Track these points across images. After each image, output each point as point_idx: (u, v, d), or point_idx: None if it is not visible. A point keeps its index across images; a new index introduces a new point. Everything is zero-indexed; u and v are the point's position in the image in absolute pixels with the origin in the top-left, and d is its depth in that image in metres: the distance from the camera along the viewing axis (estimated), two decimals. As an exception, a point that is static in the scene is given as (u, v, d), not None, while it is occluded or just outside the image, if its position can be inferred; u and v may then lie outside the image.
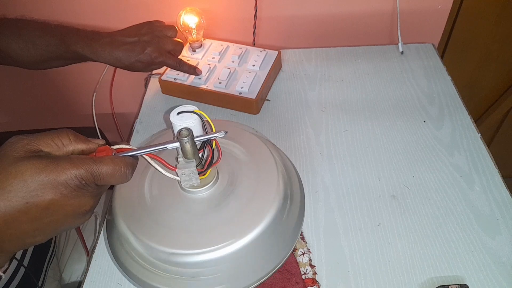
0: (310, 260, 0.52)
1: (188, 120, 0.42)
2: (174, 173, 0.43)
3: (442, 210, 0.56)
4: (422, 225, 0.55)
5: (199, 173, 0.44)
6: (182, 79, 0.74)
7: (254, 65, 0.75)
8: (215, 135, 0.42)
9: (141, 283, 0.45)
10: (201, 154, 0.44)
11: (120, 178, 0.36)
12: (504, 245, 0.52)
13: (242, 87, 0.71)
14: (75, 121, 1.14)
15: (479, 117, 1.16)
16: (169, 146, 0.41)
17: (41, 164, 0.32)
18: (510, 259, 0.51)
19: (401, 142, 0.66)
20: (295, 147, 0.66)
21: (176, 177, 0.44)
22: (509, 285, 0.49)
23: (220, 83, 0.72)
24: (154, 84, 0.81)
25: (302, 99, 0.75)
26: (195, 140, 0.42)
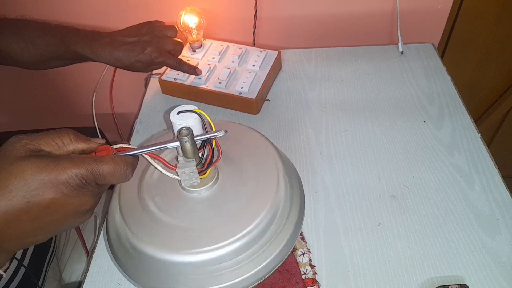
0: (310, 260, 0.52)
1: (188, 119, 0.42)
2: (174, 172, 0.43)
3: (442, 210, 0.56)
4: (422, 225, 0.55)
5: (199, 172, 0.44)
6: (182, 79, 0.74)
7: (254, 65, 0.75)
8: (215, 134, 0.42)
9: (141, 283, 0.45)
10: (201, 154, 0.44)
11: (120, 177, 0.36)
12: (504, 245, 0.52)
13: (242, 87, 0.71)
14: (75, 121, 1.14)
15: (479, 117, 1.16)
16: (169, 145, 0.41)
17: (41, 163, 0.32)
18: (510, 259, 0.51)
19: (401, 142, 0.66)
20: (295, 147, 0.66)
21: (176, 176, 0.44)
22: (509, 285, 0.49)
23: (220, 83, 0.72)
24: (154, 84, 0.81)
25: (302, 99, 0.75)
26: (195, 139, 0.42)
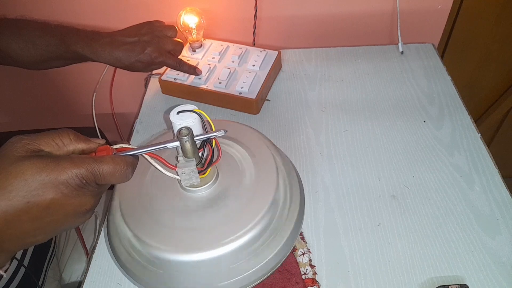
0: (310, 260, 0.52)
1: (188, 119, 0.42)
2: (174, 172, 0.43)
3: (442, 210, 0.56)
4: (422, 225, 0.55)
5: (199, 172, 0.44)
6: (182, 79, 0.74)
7: (254, 65, 0.75)
8: (214, 134, 0.42)
9: (141, 283, 0.45)
10: (201, 153, 0.44)
11: (120, 177, 0.36)
12: (504, 245, 0.52)
13: (242, 87, 0.71)
14: (75, 121, 1.14)
15: (479, 117, 1.16)
16: (169, 145, 0.41)
17: (42, 163, 0.32)
18: (510, 259, 0.51)
19: (401, 142, 0.66)
20: (295, 147, 0.66)
21: (176, 176, 0.44)
22: (509, 285, 0.49)
23: (220, 83, 0.72)
24: (154, 84, 0.81)
25: (302, 99, 0.75)
26: (195, 139, 0.42)
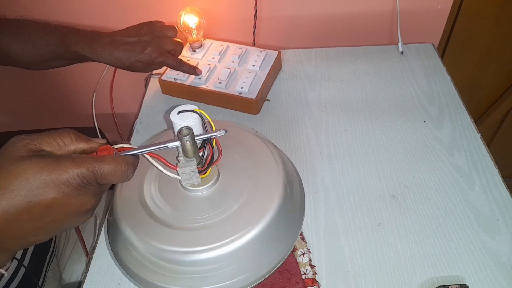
0: (310, 260, 0.52)
1: (189, 119, 0.42)
2: (175, 172, 0.43)
3: (442, 210, 0.56)
4: (422, 225, 0.55)
5: (200, 171, 0.44)
6: (182, 79, 0.74)
7: (254, 65, 0.75)
8: (215, 134, 0.42)
9: (142, 282, 0.45)
10: (201, 153, 0.44)
11: (121, 177, 0.36)
12: (504, 245, 0.52)
13: (242, 87, 0.71)
14: (75, 121, 1.14)
15: (479, 117, 1.16)
16: (170, 145, 0.41)
17: (43, 163, 0.32)
18: (510, 259, 0.51)
19: (401, 142, 0.66)
20: (295, 147, 0.66)
21: (176, 176, 0.44)
22: (509, 285, 0.49)
23: (220, 83, 0.72)
24: (154, 84, 0.81)
25: (302, 99, 0.75)
26: (196, 139, 0.42)
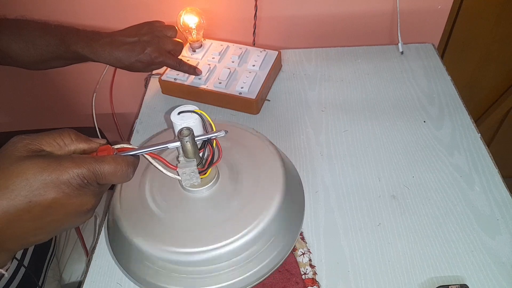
0: (310, 260, 0.52)
1: (189, 119, 0.42)
2: (175, 172, 0.43)
3: (442, 210, 0.56)
4: (422, 225, 0.55)
5: (200, 172, 0.44)
6: (182, 79, 0.74)
7: (254, 65, 0.75)
8: (215, 135, 0.42)
9: (143, 282, 0.45)
10: (201, 154, 0.44)
11: (121, 177, 0.36)
12: (504, 245, 0.52)
13: (242, 87, 0.71)
14: (75, 121, 1.14)
15: (479, 117, 1.16)
16: (170, 145, 0.41)
17: (43, 163, 0.32)
18: (510, 259, 0.51)
19: (401, 142, 0.66)
20: (295, 147, 0.66)
21: (177, 176, 0.44)
22: (509, 285, 0.49)
23: (220, 83, 0.72)
24: (154, 84, 0.81)
25: (302, 99, 0.75)
26: (196, 139, 0.42)
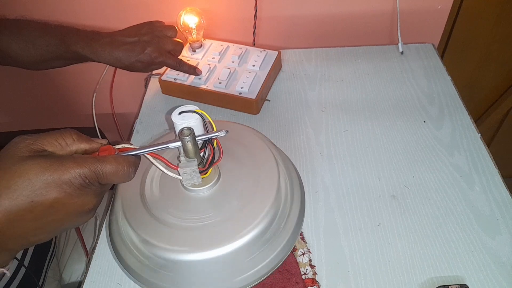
0: (310, 260, 0.52)
1: (190, 119, 0.42)
2: (176, 172, 0.43)
3: (442, 210, 0.56)
4: (422, 225, 0.55)
5: (201, 172, 0.44)
6: (182, 79, 0.74)
7: (254, 65, 0.75)
8: (216, 134, 0.42)
9: (143, 282, 0.45)
10: (202, 153, 0.44)
11: (123, 177, 0.37)
12: (504, 245, 0.52)
13: (242, 87, 0.71)
14: (75, 121, 1.14)
15: (479, 117, 1.16)
16: (171, 145, 0.41)
17: (45, 163, 0.32)
18: (510, 259, 0.51)
19: (401, 142, 0.66)
20: (295, 147, 0.66)
21: (178, 176, 0.44)
22: (509, 285, 0.49)
23: (220, 83, 0.72)
24: (154, 84, 0.81)
25: (302, 99, 0.75)
26: (197, 139, 0.42)
